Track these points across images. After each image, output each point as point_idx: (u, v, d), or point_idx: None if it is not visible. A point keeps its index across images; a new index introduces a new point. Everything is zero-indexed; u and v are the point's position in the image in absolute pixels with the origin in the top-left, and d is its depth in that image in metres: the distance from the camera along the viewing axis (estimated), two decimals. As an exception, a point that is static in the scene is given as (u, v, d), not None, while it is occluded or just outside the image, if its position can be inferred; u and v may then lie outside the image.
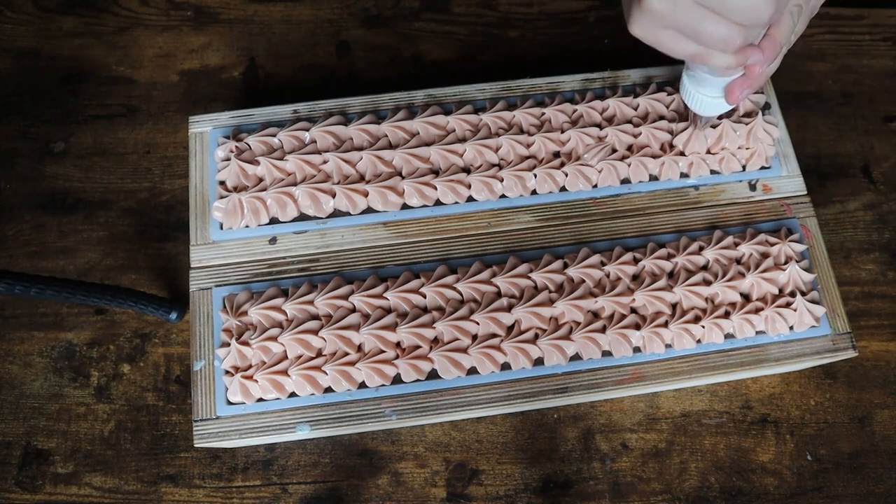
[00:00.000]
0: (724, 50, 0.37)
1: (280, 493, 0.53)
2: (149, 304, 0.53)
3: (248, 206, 0.51)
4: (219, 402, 0.48)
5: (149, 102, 0.66)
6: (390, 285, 0.49)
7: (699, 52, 0.38)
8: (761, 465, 0.55)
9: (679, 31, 0.37)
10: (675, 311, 0.50)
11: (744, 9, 0.34)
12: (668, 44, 0.38)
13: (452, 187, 0.52)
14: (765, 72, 0.40)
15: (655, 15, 0.37)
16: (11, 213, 0.62)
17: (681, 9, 0.35)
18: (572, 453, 0.55)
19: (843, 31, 0.71)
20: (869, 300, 0.60)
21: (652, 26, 0.38)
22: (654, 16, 0.37)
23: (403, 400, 0.48)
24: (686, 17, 0.36)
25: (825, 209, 0.63)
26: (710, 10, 0.35)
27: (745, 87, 0.41)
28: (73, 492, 0.53)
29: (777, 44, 0.38)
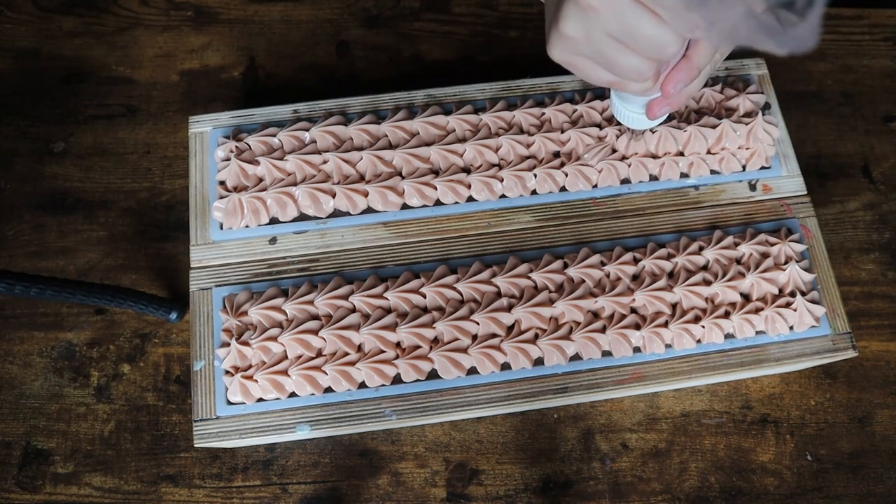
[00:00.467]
0: (636, 80, 0.37)
1: (280, 493, 0.53)
2: (149, 304, 0.53)
3: (248, 206, 0.51)
4: (219, 402, 0.48)
5: (149, 102, 0.66)
6: (390, 285, 0.49)
7: (614, 80, 0.38)
8: (761, 465, 0.55)
9: (593, 60, 0.37)
10: (675, 311, 0.50)
11: (651, 45, 0.35)
12: (585, 70, 0.38)
13: (452, 187, 0.52)
14: (684, 92, 0.40)
15: (570, 41, 0.37)
16: (11, 213, 0.62)
17: (594, 39, 0.36)
18: (572, 453, 0.55)
19: (843, 31, 0.71)
20: (869, 300, 0.60)
21: (568, 52, 0.38)
22: (568, 42, 0.37)
23: (403, 400, 0.48)
24: (598, 48, 0.36)
25: (825, 209, 0.63)
26: (622, 44, 0.35)
27: (664, 106, 0.41)
28: (73, 492, 0.53)
29: (694, 67, 0.38)
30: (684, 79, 0.39)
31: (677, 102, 0.41)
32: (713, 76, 0.58)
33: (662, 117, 0.45)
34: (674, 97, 0.41)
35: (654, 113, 0.42)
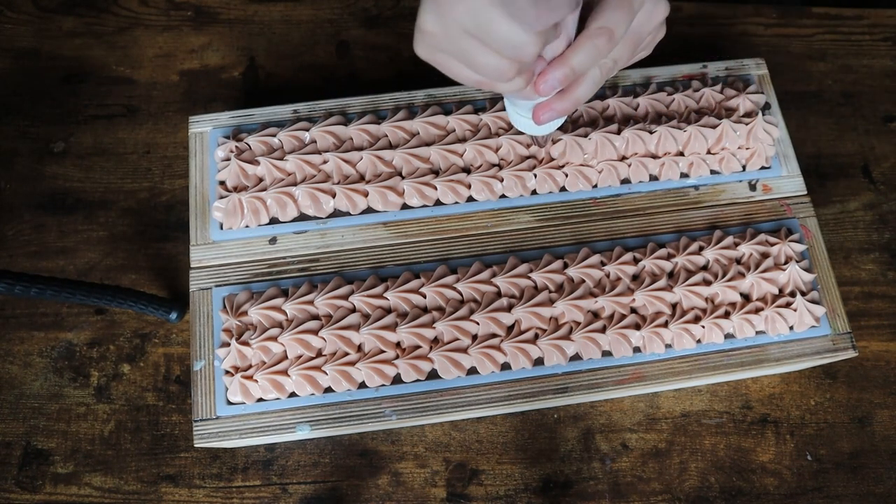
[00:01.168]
0: (500, 80, 0.36)
1: (280, 493, 0.53)
2: (149, 304, 0.53)
3: (248, 206, 0.51)
4: (219, 402, 0.48)
5: (149, 102, 0.66)
6: (390, 285, 0.49)
7: (480, 80, 0.37)
8: (761, 465, 0.55)
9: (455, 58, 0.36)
10: (675, 311, 0.50)
11: (506, 43, 0.34)
12: (450, 68, 0.37)
13: (452, 187, 0.52)
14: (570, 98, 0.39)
15: (430, 36, 0.36)
16: (11, 213, 0.62)
17: (451, 35, 0.35)
18: (572, 453, 0.55)
19: (843, 31, 0.71)
20: (869, 300, 0.60)
21: (430, 49, 0.37)
22: (428, 37, 0.36)
23: (403, 400, 0.48)
24: (458, 45, 0.35)
25: (825, 209, 0.63)
26: (479, 41, 0.34)
27: (546, 111, 0.40)
28: (73, 492, 0.53)
29: (569, 67, 0.36)
30: (559, 78, 0.37)
31: (562, 108, 0.39)
32: (714, 77, 0.58)
33: (555, 123, 0.43)
34: (558, 102, 0.39)
35: (537, 118, 0.40)
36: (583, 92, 0.39)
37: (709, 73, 0.58)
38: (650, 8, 0.38)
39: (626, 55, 0.39)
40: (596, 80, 0.38)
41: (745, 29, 0.70)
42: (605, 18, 0.36)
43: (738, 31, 0.70)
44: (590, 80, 0.38)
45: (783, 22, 0.71)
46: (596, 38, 0.36)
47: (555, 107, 0.39)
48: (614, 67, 0.39)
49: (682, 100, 0.55)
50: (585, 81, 0.38)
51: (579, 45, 0.36)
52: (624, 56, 0.39)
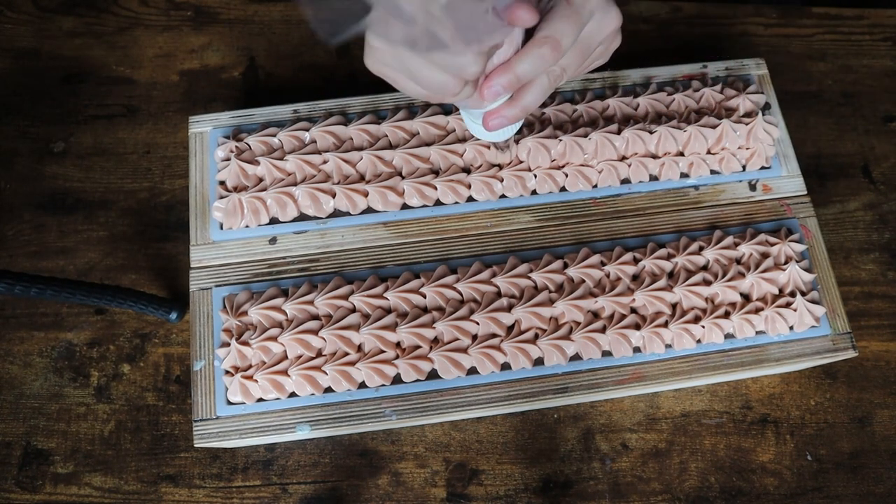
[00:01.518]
0: (444, 94, 0.36)
1: (280, 493, 0.53)
2: (149, 304, 0.53)
3: (248, 206, 0.51)
4: (219, 402, 0.48)
5: (149, 102, 0.66)
6: (390, 285, 0.49)
7: (427, 94, 0.37)
8: (761, 465, 0.55)
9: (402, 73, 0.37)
10: (675, 311, 0.50)
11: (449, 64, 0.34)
12: (398, 83, 0.38)
13: (452, 187, 0.52)
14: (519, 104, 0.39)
15: (377, 52, 0.36)
16: (11, 213, 0.62)
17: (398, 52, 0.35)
18: (572, 453, 0.55)
19: (843, 31, 0.71)
20: (869, 300, 0.60)
21: (378, 63, 0.37)
22: (377, 53, 0.36)
23: (403, 400, 0.48)
24: (407, 64, 0.35)
25: (825, 209, 0.63)
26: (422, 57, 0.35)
27: (495, 117, 0.39)
28: (73, 492, 0.53)
29: (513, 74, 0.36)
30: (503, 85, 0.37)
31: (511, 114, 0.39)
32: (714, 77, 0.58)
33: (511, 128, 0.43)
34: (507, 109, 0.39)
35: (487, 124, 0.40)
36: (531, 99, 0.39)
37: (709, 73, 0.58)
38: (600, 18, 0.38)
39: (575, 63, 0.39)
40: (544, 87, 0.39)
41: (745, 29, 0.70)
42: (552, 28, 0.36)
43: (738, 31, 0.70)
44: (538, 87, 0.39)
45: (783, 22, 0.71)
46: (541, 47, 0.36)
47: (504, 113, 0.39)
48: (563, 75, 0.39)
49: (682, 100, 0.55)
50: (533, 89, 0.39)
51: (524, 53, 0.36)
52: (573, 64, 0.39)
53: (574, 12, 0.36)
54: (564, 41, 0.36)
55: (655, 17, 0.71)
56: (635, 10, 0.71)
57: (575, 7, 0.36)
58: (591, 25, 0.38)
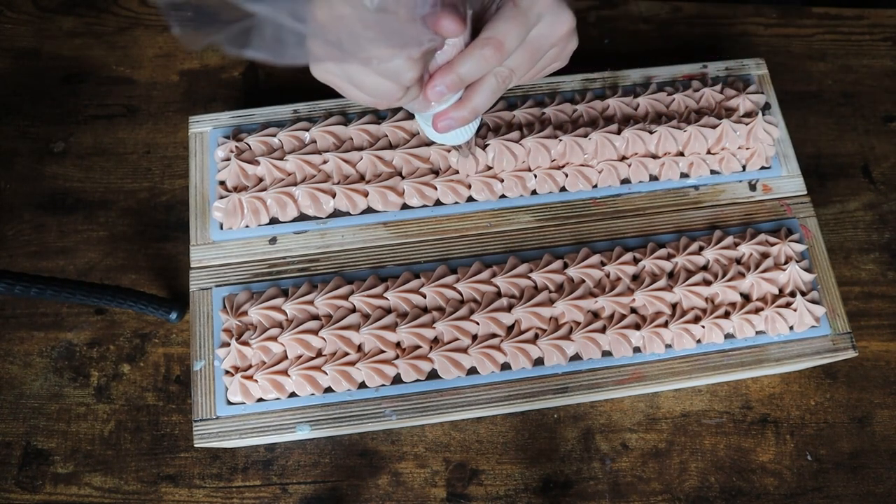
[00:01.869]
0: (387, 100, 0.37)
1: (280, 493, 0.53)
2: (149, 304, 0.53)
3: (248, 206, 0.51)
4: (219, 402, 0.48)
5: (149, 102, 0.66)
6: (390, 285, 0.49)
7: (371, 101, 0.37)
8: (761, 465, 0.55)
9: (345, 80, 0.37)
10: (675, 311, 0.50)
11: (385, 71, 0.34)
12: (343, 90, 0.38)
13: (452, 187, 0.52)
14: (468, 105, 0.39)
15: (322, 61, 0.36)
16: (11, 213, 0.62)
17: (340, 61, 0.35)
18: (572, 453, 0.55)
19: (843, 31, 0.71)
20: (869, 300, 0.60)
21: (323, 71, 0.37)
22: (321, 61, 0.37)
23: (403, 400, 0.48)
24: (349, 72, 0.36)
25: (825, 209, 0.63)
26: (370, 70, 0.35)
27: (444, 119, 0.40)
28: (73, 492, 0.53)
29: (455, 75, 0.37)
30: (447, 84, 0.37)
31: (459, 116, 0.39)
32: (714, 77, 0.58)
33: (467, 131, 0.43)
34: (455, 111, 0.39)
35: (436, 126, 0.40)
36: (479, 101, 0.39)
37: (709, 73, 0.58)
38: (551, 20, 0.38)
39: (525, 65, 0.39)
40: (493, 88, 0.39)
41: (745, 29, 0.70)
42: (495, 29, 0.36)
43: (738, 31, 0.70)
44: (486, 89, 0.39)
45: (783, 22, 0.71)
46: (483, 48, 0.36)
47: (452, 115, 0.40)
48: (512, 77, 0.39)
49: (682, 100, 0.55)
50: (482, 90, 0.39)
51: (466, 53, 0.36)
52: (523, 66, 0.39)
53: (519, 14, 0.36)
54: (508, 42, 0.36)
55: (655, 17, 0.71)
56: (635, 10, 0.71)
57: (521, 9, 0.37)
58: (540, 28, 0.38)
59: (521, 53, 0.38)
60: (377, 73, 0.35)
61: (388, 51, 0.32)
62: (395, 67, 0.34)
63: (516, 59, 0.38)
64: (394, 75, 0.35)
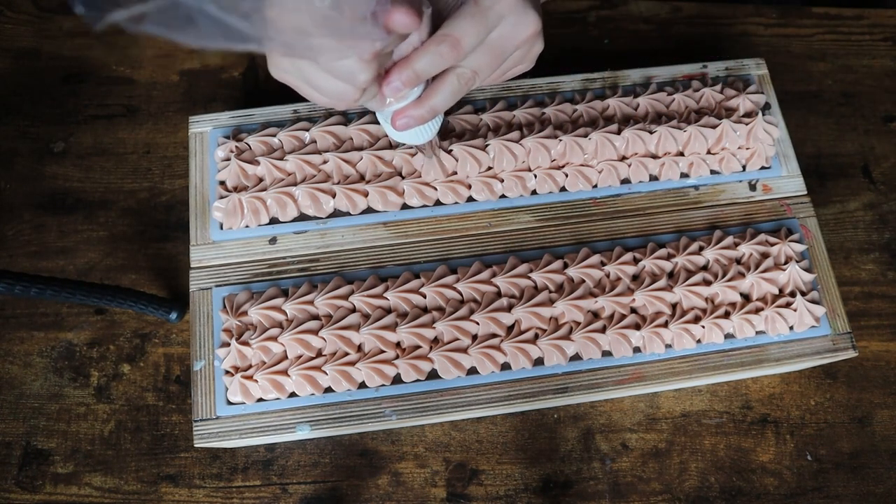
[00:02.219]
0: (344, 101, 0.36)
1: (280, 493, 0.53)
2: (149, 304, 0.53)
3: (248, 206, 0.51)
4: (219, 402, 0.48)
5: (149, 102, 0.66)
6: (390, 285, 0.49)
7: (329, 101, 0.37)
8: (761, 465, 0.55)
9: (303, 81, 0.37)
10: (675, 311, 0.50)
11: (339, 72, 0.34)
12: (301, 90, 0.38)
13: (452, 187, 0.52)
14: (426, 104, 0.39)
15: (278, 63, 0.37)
16: (11, 213, 0.62)
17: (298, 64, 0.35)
18: (572, 453, 0.55)
19: (843, 31, 0.71)
20: (869, 300, 0.60)
21: (280, 71, 0.37)
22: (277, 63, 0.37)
23: (403, 400, 0.48)
24: (304, 73, 0.36)
25: (825, 209, 0.63)
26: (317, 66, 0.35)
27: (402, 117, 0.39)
28: (73, 492, 0.53)
29: (412, 71, 0.36)
30: (402, 80, 0.36)
31: (417, 114, 0.39)
32: (714, 77, 0.58)
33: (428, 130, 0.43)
34: (413, 109, 0.39)
35: (394, 123, 0.40)
36: (438, 100, 0.39)
37: (709, 73, 0.58)
38: (514, 21, 0.38)
39: (487, 66, 0.39)
40: (453, 89, 0.38)
41: (745, 29, 0.70)
42: (453, 26, 0.36)
43: (738, 31, 0.70)
44: (446, 88, 0.38)
45: (783, 22, 0.71)
46: (439, 45, 0.36)
47: (410, 113, 0.39)
48: (475, 78, 0.39)
49: (682, 100, 0.55)
50: (442, 90, 0.38)
51: (423, 49, 0.36)
52: (485, 67, 0.39)
53: (479, 12, 0.36)
54: (466, 41, 0.36)
55: (655, 17, 0.71)
56: (635, 10, 0.71)
57: (481, 7, 0.36)
58: (503, 28, 0.38)
59: (484, 54, 0.38)
60: (332, 75, 0.35)
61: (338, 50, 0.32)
62: (348, 68, 0.34)
63: (478, 59, 0.38)
64: (348, 77, 0.34)
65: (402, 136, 0.44)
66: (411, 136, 0.43)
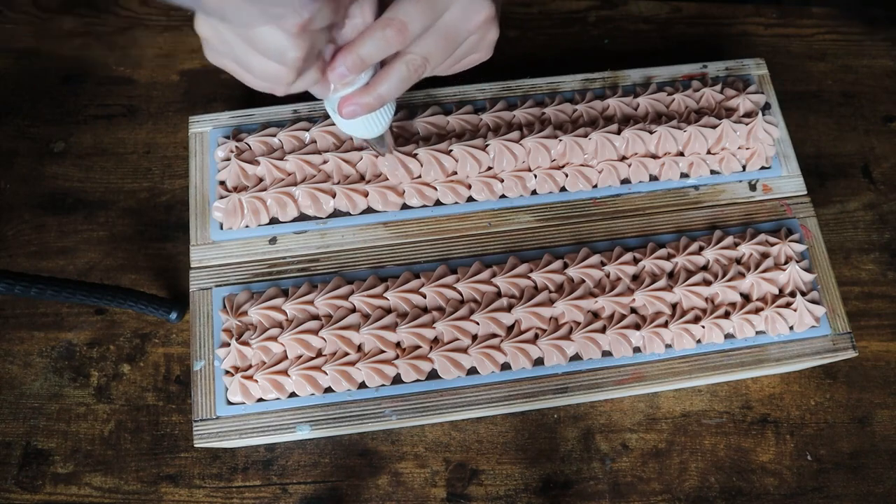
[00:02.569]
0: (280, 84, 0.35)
1: (280, 493, 0.53)
2: (149, 304, 0.53)
3: (248, 206, 0.51)
4: (219, 402, 0.48)
5: (149, 102, 0.66)
6: (390, 285, 0.49)
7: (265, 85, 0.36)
8: (761, 465, 0.55)
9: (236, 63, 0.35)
10: (675, 311, 0.50)
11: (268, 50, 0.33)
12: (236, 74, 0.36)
13: (452, 187, 0.52)
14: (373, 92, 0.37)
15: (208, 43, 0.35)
16: (11, 213, 0.62)
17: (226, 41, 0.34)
18: (572, 453, 0.55)
19: (843, 31, 0.71)
20: (869, 300, 0.60)
21: (214, 54, 0.36)
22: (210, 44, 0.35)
23: (403, 400, 0.48)
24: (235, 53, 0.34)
25: (825, 209, 0.63)
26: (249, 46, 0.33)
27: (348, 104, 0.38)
28: (73, 492, 0.53)
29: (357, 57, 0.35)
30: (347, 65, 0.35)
31: (364, 102, 0.38)
32: (714, 77, 0.58)
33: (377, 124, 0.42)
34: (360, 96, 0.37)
35: (340, 111, 0.38)
36: (386, 88, 0.37)
37: (709, 73, 0.58)
38: (465, 6, 0.37)
39: (439, 53, 0.37)
40: (402, 76, 0.37)
41: (745, 29, 0.70)
42: (399, 9, 0.35)
43: (738, 31, 0.70)
44: (394, 75, 0.37)
45: (783, 22, 0.71)
46: (384, 29, 0.35)
47: (356, 100, 0.38)
48: (425, 65, 0.37)
49: (682, 100, 0.55)
50: (390, 76, 0.37)
51: (367, 33, 0.35)
52: (436, 53, 0.37)
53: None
54: (412, 25, 0.35)
55: (655, 17, 0.71)
56: (635, 10, 0.71)
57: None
58: (454, 13, 0.37)
59: (434, 40, 0.37)
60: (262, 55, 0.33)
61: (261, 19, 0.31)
62: (277, 45, 0.32)
63: (428, 45, 0.37)
64: (277, 55, 0.33)
65: (352, 129, 0.42)
66: (361, 128, 0.42)
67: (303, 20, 0.31)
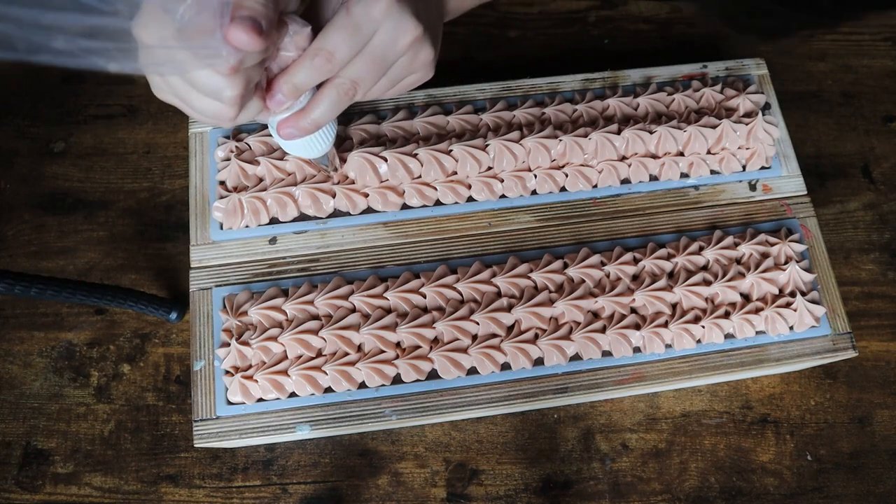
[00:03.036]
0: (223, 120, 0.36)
1: (280, 493, 0.53)
2: (149, 304, 0.53)
3: (248, 206, 0.51)
4: (219, 402, 0.48)
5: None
6: (390, 285, 0.49)
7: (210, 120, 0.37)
8: (761, 465, 0.55)
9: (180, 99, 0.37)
10: (675, 311, 0.50)
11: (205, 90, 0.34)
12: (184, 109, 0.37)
13: (452, 187, 0.52)
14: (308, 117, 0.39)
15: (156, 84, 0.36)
16: (11, 213, 0.62)
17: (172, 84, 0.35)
18: (572, 453, 0.55)
19: (843, 31, 0.71)
20: (869, 300, 0.60)
21: (160, 91, 0.37)
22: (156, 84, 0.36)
23: (403, 400, 0.48)
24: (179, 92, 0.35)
25: (825, 209, 0.63)
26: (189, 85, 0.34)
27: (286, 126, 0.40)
28: (73, 492, 0.53)
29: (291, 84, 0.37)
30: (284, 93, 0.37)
31: (300, 125, 0.39)
32: (714, 77, 0.58)
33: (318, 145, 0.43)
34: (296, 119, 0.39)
35: (279, 133, 0.40)
36: (319, 112, 0.39)
37: (709, 73, 0.58)
38: (391, 28, 0.37)
39: (369, 76, 0.38)
40: (333, 100, 0.39)
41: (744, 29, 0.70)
42: (323, 40, 0.36)
43: (738, 30, 0.70)
44: (325, 100, 0.39)
45: (783, 22, 0.71)
46: (313, 58, 0.36)
47: (292, 124, 0.40)
48: (355, 88, 0.39)
49: (682, 100, 0.55)
50: (322, 102, 0.39)
51: (299, 62, 0.37)
52: (366, 77, 0.38)
53: (351, 23, 0.36)
54: (339, 53, 0.36)
55: (655, 17, 0.71)
56: (635, 10, 0.71)
57: (353, 18, 0.36)
58: (381, 37, 0.37)
59: (362, 64, 0.38)
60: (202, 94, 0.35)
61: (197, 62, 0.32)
62: (213, 85, 0.34)
63: (358, 69, 0.38)
64: (214, 94, 0.34)
65: (295, 150, 0.44)
66: (302, 149, 0.44)
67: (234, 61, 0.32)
